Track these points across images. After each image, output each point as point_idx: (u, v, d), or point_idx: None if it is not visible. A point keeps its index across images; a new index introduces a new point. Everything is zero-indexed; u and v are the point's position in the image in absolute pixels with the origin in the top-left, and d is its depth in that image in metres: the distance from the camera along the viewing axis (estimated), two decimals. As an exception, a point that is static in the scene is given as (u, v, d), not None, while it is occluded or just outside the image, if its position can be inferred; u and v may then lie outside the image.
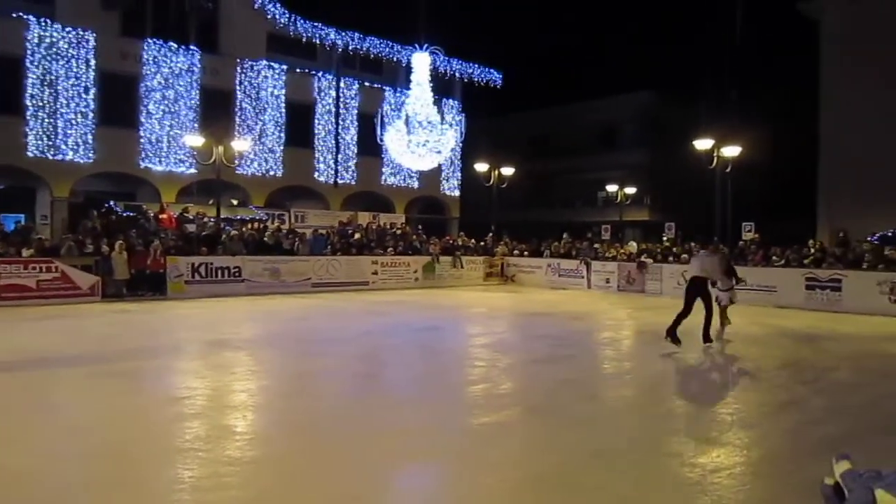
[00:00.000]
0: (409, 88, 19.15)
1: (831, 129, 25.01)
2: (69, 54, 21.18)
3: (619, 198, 29.40)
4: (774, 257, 17.96)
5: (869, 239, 19.36)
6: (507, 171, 26.23)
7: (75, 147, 21.33)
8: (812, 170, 26.12)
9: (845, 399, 7.15)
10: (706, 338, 10.34)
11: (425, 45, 17.84)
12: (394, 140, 17.46)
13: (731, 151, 19.30)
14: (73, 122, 21.27)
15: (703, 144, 19.59)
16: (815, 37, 25.89)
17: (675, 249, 20.97)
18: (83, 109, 21.44)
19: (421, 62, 17.99)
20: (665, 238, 23.97)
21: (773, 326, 13.11)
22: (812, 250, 17.68)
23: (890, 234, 20.92)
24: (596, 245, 23.46)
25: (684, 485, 4.48)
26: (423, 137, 17.09)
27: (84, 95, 21.44)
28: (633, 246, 23.09)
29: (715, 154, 19.37)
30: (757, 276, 17.51)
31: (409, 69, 19.79)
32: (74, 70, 21.27)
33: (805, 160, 27.07)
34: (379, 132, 17.63)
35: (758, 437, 5.64)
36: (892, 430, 5.88)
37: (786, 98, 30.63)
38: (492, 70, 30.42)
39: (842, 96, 24.37)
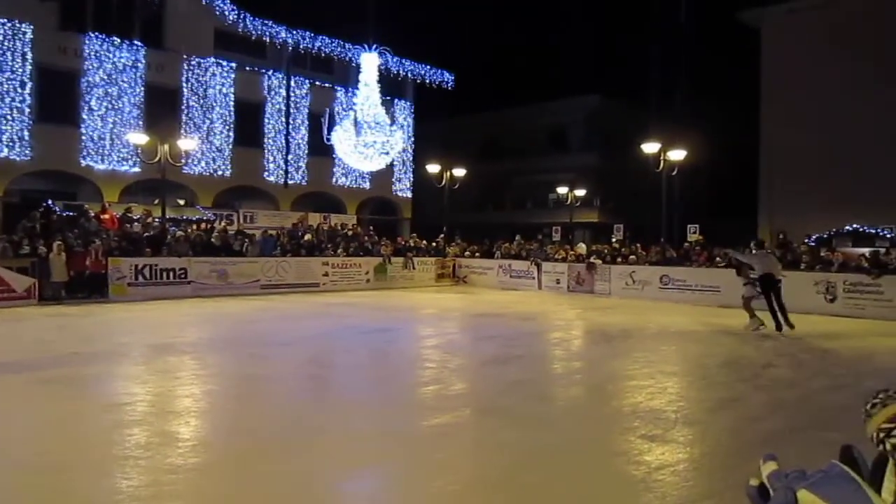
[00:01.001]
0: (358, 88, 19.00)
1: (771, 134, 25.93)
2: (3, 47, 20.28)
3: (569, 199, 29.82)
4: (718, 258, 18.46)
5: (806, 241, 20.13)
6: (459, 172, 26.30)
7: (10, 144, 20.45)
8: (754, 173, 27.01)
9: (782, 395, 7.39)
10: (789, 324, 11.98)
11: (374, 46, 17.73)
12: (341, 140, 17.28)
13: (677, 155, 19.78)
14: (8, 117, 20.39)
15: (649, 148, 20.03)
16: (756, 44, 26.77)
17: (623, 250, 21.37)
18: (19, 105, 20.56)
19: (369, 62, 17.87)
20: (614, 239, 24.42)
21: (716, 325, 13.48)
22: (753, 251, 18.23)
23: (826, 236, 21.81)
24: (547, 247, 23.72)
25: (629, 483, 4.55)
26: (370, 138, 16.96)
27: (20, 90, 20.57)
28: (582, 247, 23.44)
29: (661, 157, 19.83)
30: (701, 276, 17.99)
31: (359, 69, 19.65)
32: (10, 64, 20.37)
33: (747, 164, 27.98)
34: (325, 132, 17.44)
35: (700, 434, 5.78)
36: (827, 424, 6.09)
37: (728, 103, 31.58)
38: (444, 71, 30.45)
39: (781, 102, 25.29)
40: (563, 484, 4.56)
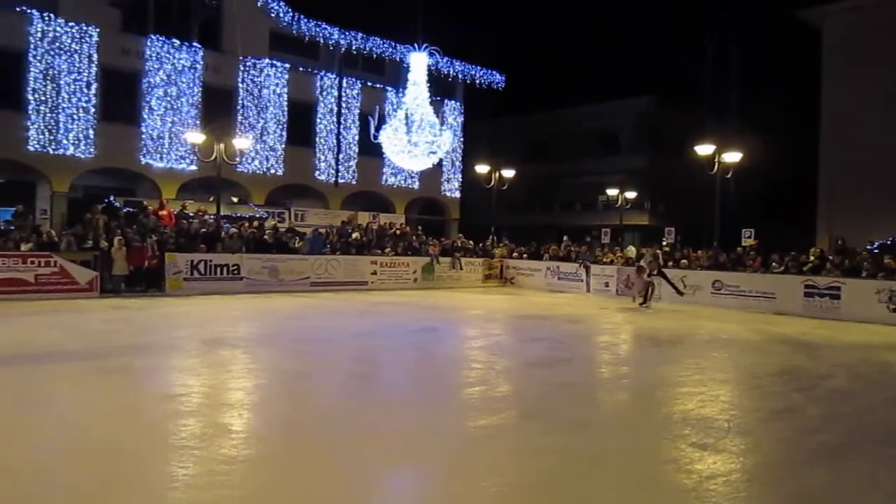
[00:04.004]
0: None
1: (832, 136, 25.03)
2: (71, 49, 21.18)
3: (619, 202, 29.40)
4: (774, 264, 17.96)
5: (868, 247, 19.37)
6: (508, 173, 26.22)
7: (76, 142, 21.34)
8: (812, 177, 26.15)
9: (841, 407, 7.14)
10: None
11: (423, 45, 17.81)
12: (389, 139, 17.40)
13: (732, 157, 19.29)
14: (75, 116, 21.28)
15: (704, 150, 19.58)
16: (816, 44, 25.91)
17: (675, 254, 20.97)
18: (84, 104, 21.44)
19: (418, 62, 17.93)
20: (665, 243, 23.97)
21: (771, 333, 13.12)
22: (811, 257, 17.67)
23: (889, 242, 20.93)
24: (596, 250, 23.44)
25: (680, 491, 4.48)
26: (418, 137, 17.03)
27: (85, 90, 21.44)
28: (631, 250, 23.07)
29: (716, 159, 19.36)
30: (755, 282, 17.52)
31: (410, 69, 19.79)
32: (76, 65, 21.27)
33: (805, 167, 27.11)
34: (373, 131, 17.61)
35: (753, 444, 5.63)
36: (888, 439, 5.88)
37: (787, 104, 30.67)
38: (494, 72, 30.43)
39: (843, 103, 24.39)
40: (611, 490, 4.52)
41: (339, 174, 27.20)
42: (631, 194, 30.50)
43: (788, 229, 26.09)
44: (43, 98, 20.74)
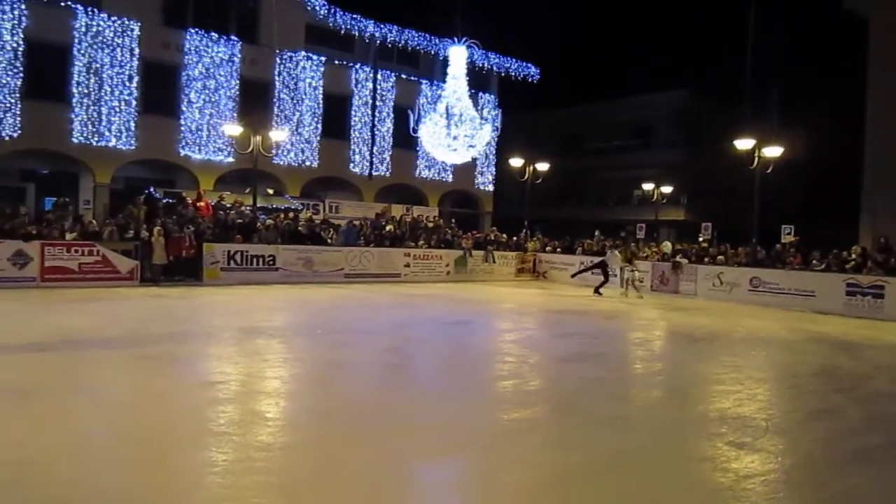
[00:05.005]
0: (445, 82, 19.11)
1: (877, 132, 24.28)
2: (114, 43, 21.62)
3: (654, 197, 29.01)
4: (814, 262, 17.56)
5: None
6: (542, 166, 26.06)
7: (118, 134, 21.80)
8: (855, 173, 25.46)
9: (883, 409, 6.98)
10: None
11: (462, 39, 17.75)
12: (429, 133, 17.44)
13: (772, 152, 18.87)
14: (117, 109, 21.74)
15: (743, 144, 19.19)
16: (863, 35, 25.15)
17: (711, 250, 20.65)
18: (126, 97, 21.88)
19: (457, 55, 17.89)
20: (701, 238, 23.61)
21: (811, 332, 12.85)
22: (853, 255, 17.23)
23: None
24: (631, 245, 23.17)
25: (716, 490, 4.43)
26: (457, 131, 17.04)
27: (127, 84, 21.88)
28: (667, 246, 22.77)
29: (755, 154, 18.96)
30: (795, 280, 17.17)
31: (445, 63, 19.74)
32: (119, 59, 21.71)
33: (849, 163, 26.40)
34: (412, 125, 17.62)
35: (792, 445, 5.55)
36: (933, 442, 5.73)
37: (830, 98, 29.89)
38: (529, 65, 30.25)
39: (889, 97, 23.64)
40: (644, 486, 4.49)
41: (373, 167, 27.34)
42: (667, 189, 30.09)
43: (830, 226, 25.47)
44: (86, 91, 21.24)
